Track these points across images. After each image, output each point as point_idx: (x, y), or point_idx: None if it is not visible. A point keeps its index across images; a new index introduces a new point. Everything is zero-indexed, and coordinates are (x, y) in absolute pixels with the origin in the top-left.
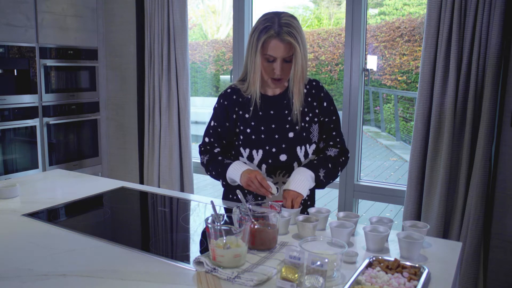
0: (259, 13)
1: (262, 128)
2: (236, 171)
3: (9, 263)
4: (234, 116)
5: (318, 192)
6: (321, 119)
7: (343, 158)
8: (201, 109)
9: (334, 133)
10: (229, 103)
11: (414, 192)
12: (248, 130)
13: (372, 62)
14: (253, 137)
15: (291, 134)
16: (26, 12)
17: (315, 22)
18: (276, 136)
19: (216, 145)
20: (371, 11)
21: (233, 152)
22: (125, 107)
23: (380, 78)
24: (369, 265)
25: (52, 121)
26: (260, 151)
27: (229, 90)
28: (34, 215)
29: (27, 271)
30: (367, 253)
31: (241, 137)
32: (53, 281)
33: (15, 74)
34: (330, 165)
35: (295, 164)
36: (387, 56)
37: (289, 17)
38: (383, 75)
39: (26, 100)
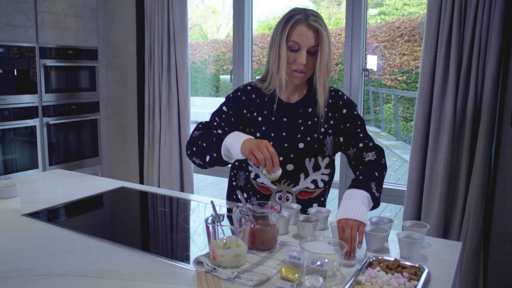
0: (259, 13)
1: (272, 134)
2: (238, 137)
3: (9, 263)
4: (248, 115)
5: None
6: (341, 127)
7: (384, 160)
8: (201, 109)
9: (361, 135)
10: (247, 99)
11: (414, 192)
12: (258, 134)
13: (372, 62)
14: None
15: (301, 145)
16: (26, 12)
17: None
18: (286, 145)
19: (226, 129)
20: (371, 11)
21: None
22: (125, 107)
23: (380, 78)
24: (369, 265)
25: (52, 121)
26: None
27: (249, 88)
28: (34, 215)
29: (27, 271)
30: (367, 253)
31: None
32: (53, 281)
33: (15, 74)
34: (377, 173)
35: (302, 175)
36: (387, 56)
37: (316, 12)
38: (383, 75)
39: (26, 100)
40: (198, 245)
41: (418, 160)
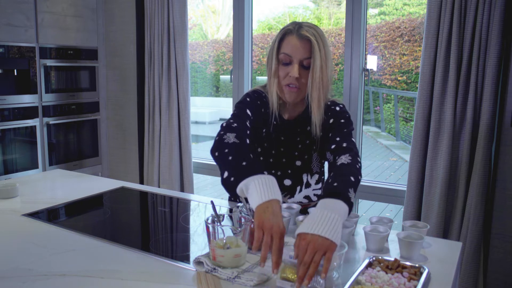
0: (259, 13)
1: (273, 152)
2: (266, 189)
3: (9, 263)
4: (257, 126)
5: None
6: (328, 135)
7: (359, 165)
8: (201, 109)
9: (338, 138)
10: (265, 111)
11: (414, 192)
12: (259, 149)
13: (372, 62)
14: (261, 158)
15: (298, 163)
16: (26, 12)
17: (315, 22)
18: (284, 160)
19: (252, 143)
20: (371, 11)
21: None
22: (125, 107)
23: (380, 78)
24: (369, 265)
25: (52, 121)
26: (265, 173)
27: (264, 99)
28: (34, 215)
29: (27, 271)
30: (367, 253)
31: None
32: (53, 281)
33: (15, 74)
34: (352, 178)
35: (298, 188)
36: (387, 56)
37: (313, 24)
38: (383, 75)
39: (26, 100)
40: (198, 245)
41: (418, 160)
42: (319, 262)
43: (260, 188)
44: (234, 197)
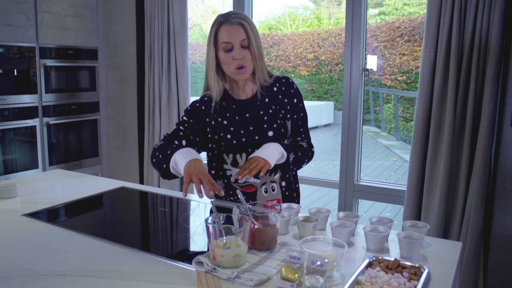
0: (259, 13)
1: (242, 131)
2: (186, 154)
3: (9, 263)
4: (213, 122)
5: (318, 192)
6: (291, 115)
7: (310, 154)
8: None
9: (301, 129)
10: (206, 109)
11: (414, 192)
12: (229, 136)
13: (372, 62)
14: (234, 142)
15: (270, 133)
16: (26, 12)
17: (315, 22)
18: (256, 138)
19: (191, 137)
20: (371, 11)
21: (214, 164)
22: (125, 107)
23: (380, 78)
24: (369, 265)
25: (52, 121)
26: (244, 155)
27: (206, 98)
28: (34, 215)
29: (27, 271)
30: (367, 253)
31: (223, 143)
32: (53, 281)
33: (15, 74)
34: (299, 153)
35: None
36: (387, 56)
37: (237, 11)
38: (383, 75)
39: (26, 100)
40: (198, 245)
41: (418, 160)
42: (257, 169)
43: (183, 156)
44: (167, 178)
